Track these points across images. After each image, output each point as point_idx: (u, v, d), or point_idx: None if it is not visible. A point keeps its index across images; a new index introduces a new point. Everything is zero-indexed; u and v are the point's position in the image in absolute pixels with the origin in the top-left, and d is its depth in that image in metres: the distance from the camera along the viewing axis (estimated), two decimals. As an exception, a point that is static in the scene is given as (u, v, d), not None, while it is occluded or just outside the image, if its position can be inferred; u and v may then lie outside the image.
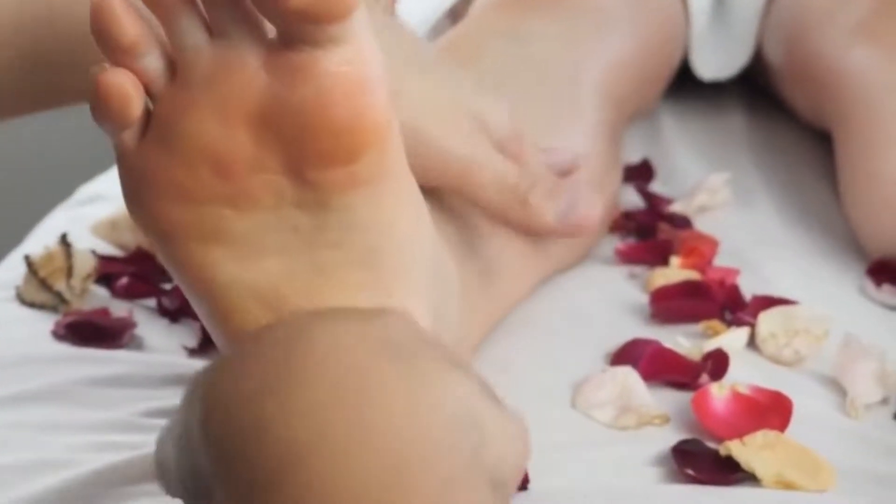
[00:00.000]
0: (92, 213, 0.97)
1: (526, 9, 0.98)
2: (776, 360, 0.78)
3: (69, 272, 0.83)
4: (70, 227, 0.93)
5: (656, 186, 1.04)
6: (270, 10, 0.51)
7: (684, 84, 1.17)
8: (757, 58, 1.16)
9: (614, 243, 0.94)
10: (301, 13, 0.50)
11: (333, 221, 0.54)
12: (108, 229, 0.92)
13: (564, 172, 0.78)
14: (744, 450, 0.68)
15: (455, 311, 0.66)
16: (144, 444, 0.68)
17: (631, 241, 0.94)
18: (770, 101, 1.18)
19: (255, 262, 0.55)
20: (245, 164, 0.53)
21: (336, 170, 0.53)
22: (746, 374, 0.76)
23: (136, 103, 0.52)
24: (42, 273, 0.83)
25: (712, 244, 0.91)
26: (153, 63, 0.52)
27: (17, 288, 0.85)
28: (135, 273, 0.86)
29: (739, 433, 0.69)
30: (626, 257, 0.92)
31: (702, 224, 0.97)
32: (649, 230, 0.95)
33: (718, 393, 0.72)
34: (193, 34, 0.52)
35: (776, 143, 1.12)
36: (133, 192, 0.54)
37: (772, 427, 0.70)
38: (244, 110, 0.52)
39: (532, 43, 0.94)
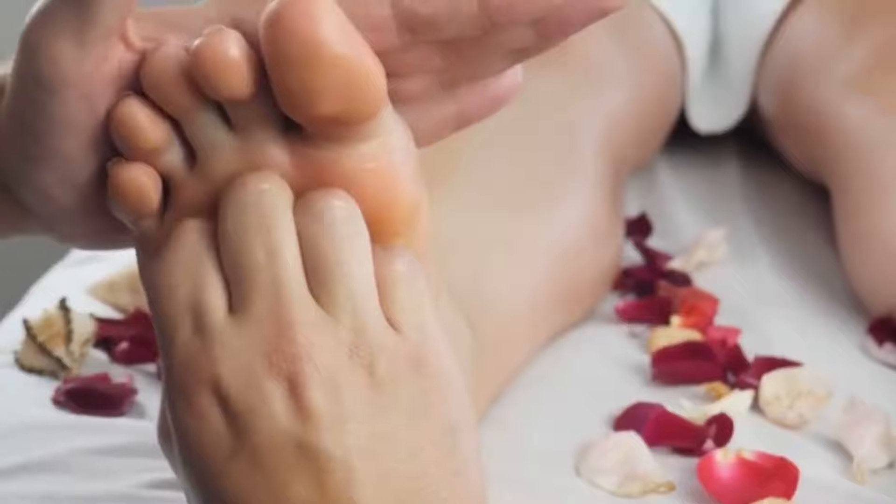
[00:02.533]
0: (88, 273, 0.96)
1: (524, 67, 0.98)
2: (780, 424, 0.78)
3: (68, 337, 0.83)
4: (67, 288, 0.92)
5: (654, 241, 1.03)
6: (299, 115, 0.50)
7: (680, 137, 1.17)
8: (752, 110, 1.16)
9: (613, 301, 0.93)
10: (330, 119, 0.50)
11: None
12: (105, 291, 0.92)
13: None
14: (750, 518, 0.68)
15: (467, 378, 0.66)
16: (147, 516, 0.68)
17: (630, 298, 0.94)
18: (766, 153, 1.18)
19: None
20: None
21: None
22: (751, 438, 0.76)
23: (153, 198, 0.52)
24: (41, 338, 0.83)
25: (712, 302, 0.91)
26: (174, 156, 0.52)
27: (16, 353, 0.84)
28: (134, 337, 0.85)
29: (746, 500, 0.69)
30: (626, 315, 0.91)
31: (701, 281, 0.96)
32: (648, 287, 0.95)
33: (724, 459, 0.72)
34: (213, 131, 0.51)
35: (773, 196, 1.12)
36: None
37: (778, 493, 0.69)
38: None
39: (531, 100, 0.94)
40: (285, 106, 0.50)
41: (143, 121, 0.51)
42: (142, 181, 0.52)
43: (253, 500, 0.50)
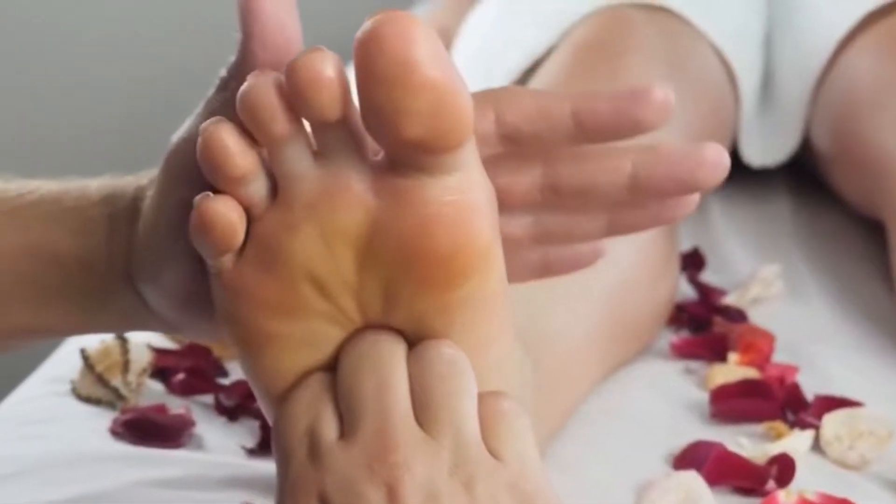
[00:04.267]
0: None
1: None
2: (841, 464, 0.78)
3: (125, 367, 0.83)
4: (122, 317, 0.92)
5: (707, 276, 1.03)
6: (383, 138, 0.50)
7: (732, 171, 1.16)
8: (805, 144, 1.16)
9: (668, 336, 0.93)
10: (415, 143, 0.50)
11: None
12: (160, 321, 0.92)
13: None
14: (815, 561, 0.67)
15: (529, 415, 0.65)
16: (206, 550, 0.67)
17: (684, 333, 0.94)
18: (818, 188, 1.17)
19: None
20: (344, 285, 0.53)
21: (435, 296, 0.52)
22: (811, 478, 0.75)
23: (239, 232, 0.52)
24: (98, 368, 0.83)
25: (769, 339, 0.90)
26: (258, 188, 0.52)
27: (73, 382, 0.84)
28: (191, 368, 0.85)
29: (809, 542, 0.68)
30: (682, 351, 0.91)
31: (756, 317, 0.96)
32: (703, 323, 0.94)
33: (786, 500, 0.71)
34: (299, 161, 0.52)
35: (826, 231, 1.12)
36: (227, 306, 0.54)
37: (842, 536, 0.69)
38: (346, 234, 0.52)
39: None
40: (371, 128, 0.50)
41: (233, 147, 0.51)
42: (230, 217, 0.52)
43: None
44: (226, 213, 0.52)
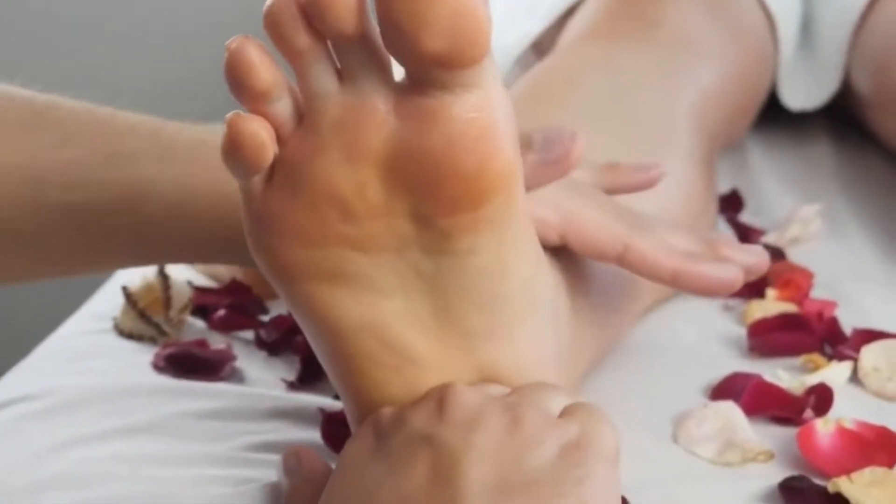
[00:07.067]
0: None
1: (617, 40, 0.98)
2: (880, 395, 0.78)
3: (167, 303, 0.84)
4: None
5: (746, 218, 1.03)
6: (403, 53, 0.51)
7: (770, 113, 1.16)
8: (844, 87, 1.15)
9: (707, 275, 0.93)
10: (434, 57, 0.50)
11: (456, 266, 0.54)
12: (202, 261, 0.93)
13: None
14: (852, 487, 0.67)
15: (567, 352, 0.66)
16: (248, 479, 0.68)
17: (723, 272, 0.93)
18: (857, 131, 1.17)
19: (378, 302, 0.55)
20: (371, 209, 0.53)
21: (461, 215, 0.53)
22: (850, 408, 0.75)
23: (268, 151, 0.52)
24: (140, 304, 0.83)
25: (808, 276, 0.90)
26: (284, 108, 0.53)
27: (115, 319, 0.85)
28: (231, 305, 0.86)
29: (846, 470, 0.68)
30: (720, 289, 0.91)
31: (795, 256, 0.96)
32: (742, 262, 0.94)
33: (824, 428, 0.71)
34: (324, 81, 0.52)
35: (865, 173, 1.12)
36: (257, 234, 0.54)
37: (880, 463, 0.69)
38: (372, 155, 0.52)
39: (625, 73, 0.94)
40: (391, 43, 0.51)
41: (257, 61, 0.52)
42: (260, 135, 0.52)
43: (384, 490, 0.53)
44: (256, 130, 0.52)
